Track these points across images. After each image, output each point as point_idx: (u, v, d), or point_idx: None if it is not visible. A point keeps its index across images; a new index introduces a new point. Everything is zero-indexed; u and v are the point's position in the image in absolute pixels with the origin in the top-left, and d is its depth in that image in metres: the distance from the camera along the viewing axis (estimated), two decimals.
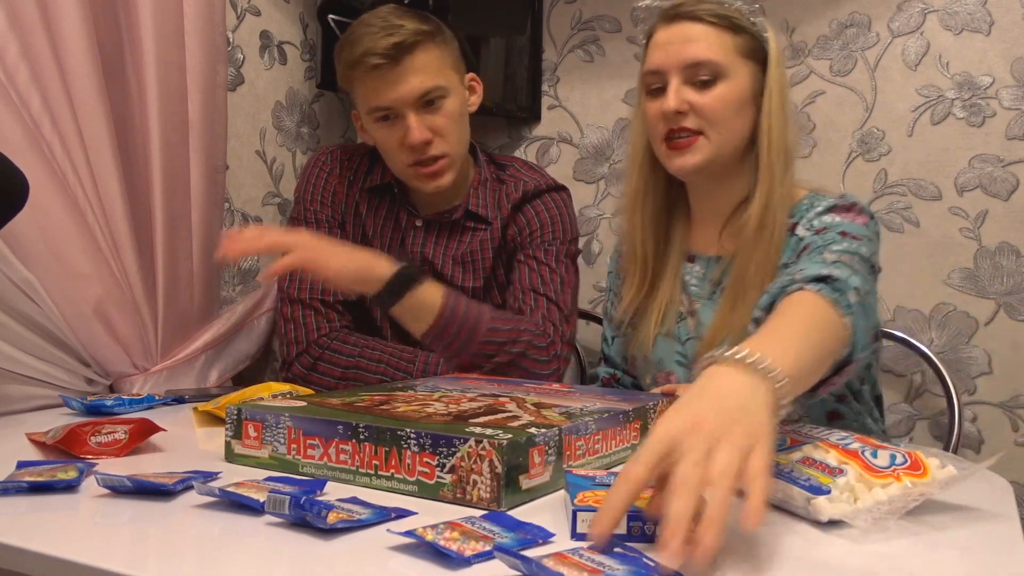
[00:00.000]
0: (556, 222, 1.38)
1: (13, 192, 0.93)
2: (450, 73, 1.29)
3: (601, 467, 0.83)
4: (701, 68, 1.11)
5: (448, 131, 1.28)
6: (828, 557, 0.63)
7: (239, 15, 1.57)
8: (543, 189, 1.40)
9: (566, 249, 1.38)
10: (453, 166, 1.31)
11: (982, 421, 1.55)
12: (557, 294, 1.33)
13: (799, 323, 0.78)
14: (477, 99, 1.38)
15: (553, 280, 1.34)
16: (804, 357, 0.71)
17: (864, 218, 1.05)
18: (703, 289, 1.21)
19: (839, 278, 0.84)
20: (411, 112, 1.25)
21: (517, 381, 1.13)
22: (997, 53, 1.53)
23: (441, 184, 1.30)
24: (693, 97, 1.11)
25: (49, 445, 0.87)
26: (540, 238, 1.37)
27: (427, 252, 1.37)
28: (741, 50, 1.12)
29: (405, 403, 0.89)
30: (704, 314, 1.19)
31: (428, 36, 1.25)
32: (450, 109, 1.28)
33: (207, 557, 0.60)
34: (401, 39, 1.21)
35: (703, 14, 1.12)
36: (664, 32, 1.14)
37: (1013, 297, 1.52)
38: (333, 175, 1.40)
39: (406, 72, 1.23)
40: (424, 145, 1.26)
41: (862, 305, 0.84)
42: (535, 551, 0.59)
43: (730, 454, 0.57)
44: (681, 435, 0.58)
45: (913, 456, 0.73)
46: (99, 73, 1.19)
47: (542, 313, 1.30)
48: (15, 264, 1.14)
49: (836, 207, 1.07)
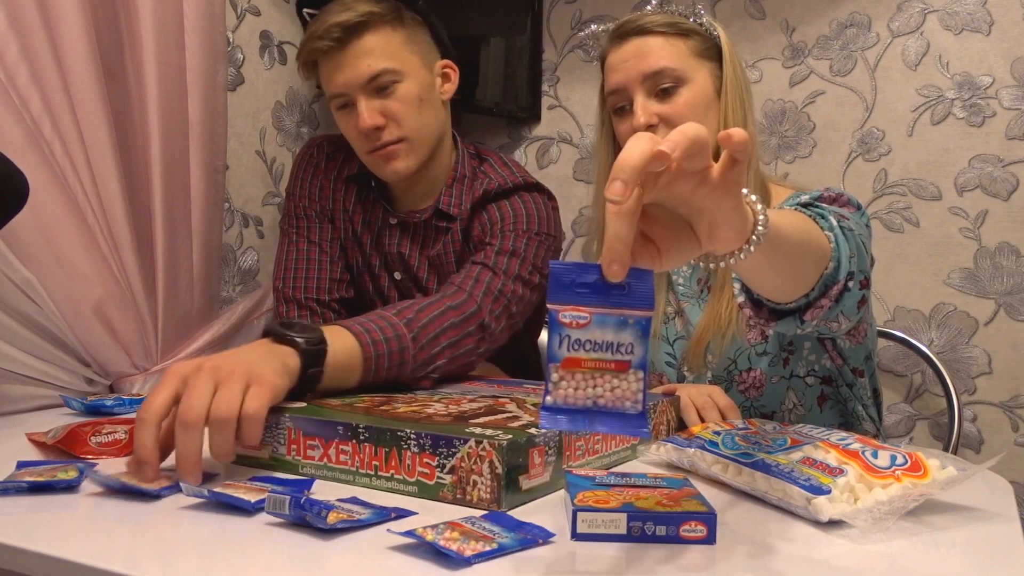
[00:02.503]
0: (520, 216, 1.25)
1: (13, 192, 0.93)
2: (407, 56, 1.24)
3: (601, 467, 0.83)
4: (661, 76, 1.12)
5: (403, 116, 1.23)
6: (828, 557, 0.63)
7: (239, 15, 1.57)
8: (510, 188, 1.28)
9: (539, 241, 1.23)
10: (412, 152, 1.25)
11: (982, 421, 1.55)
12: (498, 264, 1.18)
13: (784, 213, 0.78)
14: (451, 87, 1.32)
15: (499, 260, 1.19)
16: (782, 219, 0.70)
17: (851, 208, 1.05)
18: (690, 288, 1.22)
19: (818, 205, 0.87)
20: (362, 97, 1.22)
21: (517, 382, 1.13)
22: (997, 53, 1.53)
23: (397, 168, 1.25)
24: (660, 108, 1.13)
25: (49, 445, 0.87)
26: (500, 229, 1.24)
27: (403, 251, 1.34)
28: (696, 52, 1.14)
29: (405, 404, 0.89)
30: (692, 313, 1.20)
31: (378, 18, 1.20)
32: (404, 93, 1.23)
33: (207, 557, 0.60)
34: (346, 19, 1.18)
35: (651, 26, 1.14)
36: (617, 52, 1.16)
37: (1013, 297, 1.52)
38: (319, 169, 1.38)
39: (354, 55, 1.20)
40: (376, 131, 1.22)
41: (845, 231, 0.85)
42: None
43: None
44: None
45: (913, 457, 0.73)
46: (99, 73, 1.18)
47: (473, 279, 1.15)
48: (15, 264, 1.14)
49: (822, 197, 1.07)
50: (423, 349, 1.02)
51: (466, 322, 1.08)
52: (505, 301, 1.16)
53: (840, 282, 0.83)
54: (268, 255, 1.64)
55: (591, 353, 0.53)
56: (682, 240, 0.59)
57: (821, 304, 0.84)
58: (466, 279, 1.15)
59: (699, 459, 0.82)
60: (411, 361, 1.00)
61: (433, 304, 1.07)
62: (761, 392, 1.16)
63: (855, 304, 0.89)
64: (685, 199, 0.56)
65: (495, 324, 1.13)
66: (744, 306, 0.91)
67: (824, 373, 1.16)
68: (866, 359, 1.18)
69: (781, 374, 1.15)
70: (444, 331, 1.05)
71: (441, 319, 1.05)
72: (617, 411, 0.54)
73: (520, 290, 1.18)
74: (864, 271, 0.90)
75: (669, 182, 0.53)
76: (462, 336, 1.07)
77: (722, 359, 1.16)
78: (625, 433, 0.55)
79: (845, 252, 0.84)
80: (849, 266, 0.84)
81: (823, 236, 0.82)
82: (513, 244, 1.21)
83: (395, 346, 0.97)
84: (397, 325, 0.99)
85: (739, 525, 0.69)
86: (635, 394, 0.53)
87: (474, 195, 1.30)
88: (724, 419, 1.01)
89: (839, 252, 0.83)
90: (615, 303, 0.53)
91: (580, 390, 0.54)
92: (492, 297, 1.14)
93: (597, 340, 0.53)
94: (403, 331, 0.99)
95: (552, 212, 1.30)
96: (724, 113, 1.14)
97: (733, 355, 1.16)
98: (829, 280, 0.83)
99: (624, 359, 0.53)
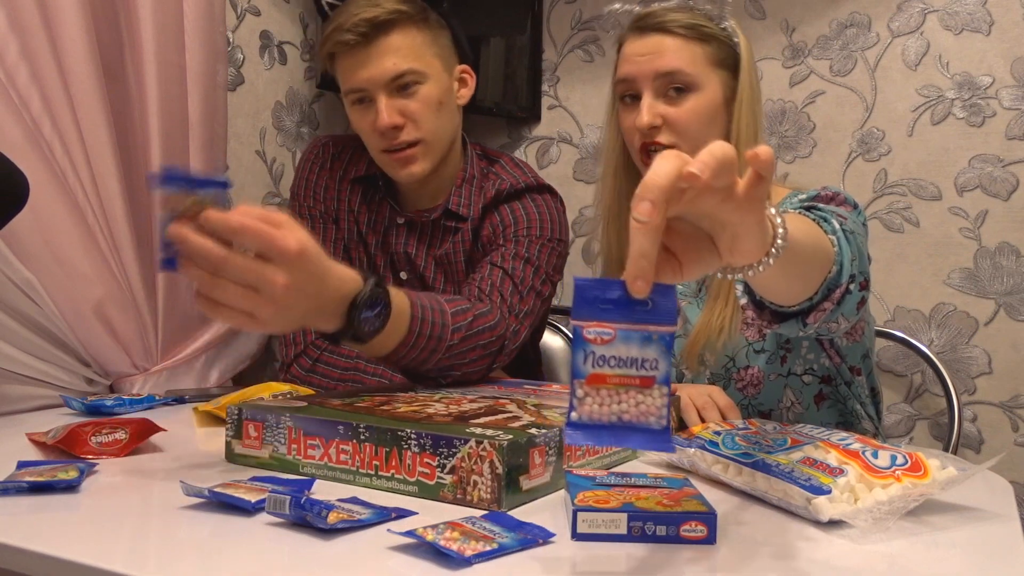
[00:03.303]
0: (534, 220, 1.26)
1: (13, 192, 0.93)
2: (431, 59, 1.23)
3: (601, 467, 0.83)
4: (672, 78, 1.12)
5: (422, 117, 1.22)
6: (828, 557, 0.63)
7: (239, 15, 1.57)
8: (521, 189, 1.29)
9: (551, 248, 1.26)
10: (428, 155, 1.25)
11: (982, 421, 1.55)
12: (516, 272, 1.20)
13: (793, 218, 0.77)
14: (468, 92, 1.32)
15: (516, 266, 1.21)
16: (797, 227, 0.70)
17: (848, 207, 1.04)
18: (689, 288, 1.22)
19: (822, 208, 0.87)
20: (383, 95, 1.21)
21: (517, 382, 1.13)
22: (997, 53, 1.53)
23: (413, 172, 1.25)
24: (665, 110, 1.12)
25: (49, 445, 0.87)
26: (514, 233, 1.25)
27: (410, 251, 1.34)
28: (711, 59, 1.13)
29: (406, 404, 0.89)
30: (689, 311, 1.20)
31: (406, 17, 1.20)
32: (425, 95, 1.22)
33: (207, 557, 0.60)
34: (375, 15, 1.17)
35: (672, 26, 1.13)
36: (634, 43, 1.15)
37: (1013, 297, 1.52)
38: (324, 169, 1.38)
39: (379, 52, 1.19)
40: (394, 130, 1.22)
41: (847, 234, 0.85)
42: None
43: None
44: None
45: (914, 457, 0.73)
46: (99, 73, 1.18)
47: (498, 291, 1.17)
48: (15, 264, 1.14)
49: (819, 197, 1.07)
50: (452, 357, 1.02)
51: (494, 343, 1.10)
52: (521, 319, 1.18)
53: (842, 285, 0.83)
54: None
55: (616, 369, 0.53)
56: (703, 253, 0.59)
57: (823, 307, 0.84)
58: (493, 290, 1.17)
59: (699, 459, 0.82)
60: (443, 352, 1.00)
61: (479, 318, 1.08)
62: (759, 390, 1.16)
63: (855, 305, 0.89)
64: (709, 213, 0.56)
65: (511, 344, 1.16)
66: (747, 307, 0.91)
67: (822, 372, 1.17)
68: (863, 357, 1.18)
69: (779, 372, 1.16)
70: (476, 347, 1.07)
71: (480, 336, 1.07)
72: (642, 426, 0.54)
73: (533, 303, 1.20)
74: (864, 272, 0.90)
75: (694, 197, 0.54)
76: (485, 355, 1.09)
77: (720, 356, 1.16)
78: (651, 449, 0.55)
79: (847, 255, 0.84)
80: (851, 269, 0.84)
81: (827, 240, 0.82)
82: (527, 250, 1.22)
83: (433, 343, 0.98)
84: (447, 327, 1.01)
85: (739, 525, 0.69)
86: (659, 409, 0.54)
87: (485, 196, 1.30)
88: (724, 419, 1.01)
89: (842, 256, 0.83)
90: (639, 319, 0.53)
91: (605, 406, 0.54)
92: (514, 316, 1.17)
93: (622, 356, 0.53)
94: (448, 333, 1.01)
95: (562, 215, 1.32)
96: (737, 124, 1.13)
97: (731, 352, 1.16)
98: (832, 284, 0.83)
99: (649, 375, 0.53)
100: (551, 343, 1.72)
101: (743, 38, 1.15)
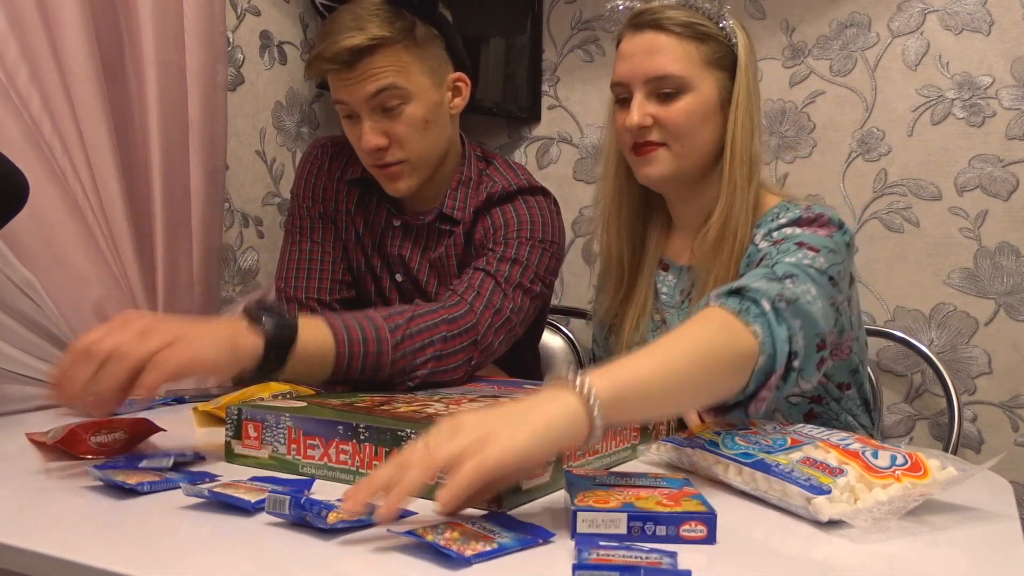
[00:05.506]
0: (525, 222, 1.23)
1: (13, 192, 0.93)
2: (417, 77, 1.20)
3: (601, 467, 0.83)
4: (664, 81, 1.09)
5: (407, 138, 1.21)
6: (828, 557, 0.63)
7: (239, 15, 1.57)
8: (513, 191, 1.26)
9: (543, 248, 1.23)
10: (415, 173, 1.24)
11: (982, 421, 1.55)
12: (500, 272, 1.17)
13: (664, 347, 0.77)
14: (461, 102, 1.29)
15: (501, 267, 1.19)
16: (639, 377, 0.72)
17: (828, 230, 1.01)
18: (673, 298, 1.20)
19: (753, 288, 0.84)
20: (366, 115, 1.20)
21: (517, 382, 1.13)
22: (997, 53, 1.53)
23: (399, 188, 1.24)
24: (656, 111, 1.10)
25: (49, 445, 0.86)
26: (504, 236, 1.23)
27: (404, 253, 1.33)
28: (707, 60, 1.10)
29: (405, 404, 0.89)
30: (673, 323, 1.18)
31: (390, 41, 1.17)
32: (410, 115, 1.20)
33: (207, 557, 0.60)
34: (356, 44, 1.15)
35: (668, 24, 1.10)
36: (630, 41, 1.13)
37: (1013, 297, 1.52)
38: (323, 170, 1.38)
39: (361, 75, 1.17)
40: (378, 151, 1.21)
41: (785, 313, 0.84)
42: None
43: (456, 445, 0.61)
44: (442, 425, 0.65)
45: (914, 457, 0.73)
46: (99, 73, 1.18)
47: (475, 289, 1.14)
48: (15, 264, 1.14)
49: (800, 220, 1.04)
50: (405, 357, 1.03)
51: (459, 337, 1.09)
52: (507, 315, 1.16)
53: (778, 371, 0.82)
54: (268, 255, 1.64)
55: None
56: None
57: (762, 396, 0.82)
58: (468, 289, 1.15)
59: (699, 459, 0.82)
60: (388, 366, 1.02)
61: (429, 314, 1.08)
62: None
63: (813, 368, 0.87)
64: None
65: (493, 338, 1.14)
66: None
67: (810, 393, 1.14)
68: (852, 373, 1.15)
69: None
70: (432, 343, 1.06)
71: (432, 331, 1.06)
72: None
73: (520, 300, 1.18)
74: (819, 334, 0.88)
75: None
76: (452, 351, 1.08)
77: None
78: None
79: (781, 338, 0.82)
80: (789, 348, 0.83)
81: (740, 339, 0.80)
82: (516, 252, 1.21)
83: (372, 348, 1.00)
84: (381, 328, 1.02)
85: (739, 525, 0.69)
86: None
87: (478, 199, 1.29)
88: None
89: (772, 343, 0.81)
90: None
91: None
92: (492, 311, 1.14)
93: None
94: (385, 335, 1.02)
95: (555, 217, 1.29)
96: (733, 125, 1.10)
97: None
98: (763, 374, 0.81)
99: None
100: (551, 343, 1.72)
101: (743, 38, 1.13)
